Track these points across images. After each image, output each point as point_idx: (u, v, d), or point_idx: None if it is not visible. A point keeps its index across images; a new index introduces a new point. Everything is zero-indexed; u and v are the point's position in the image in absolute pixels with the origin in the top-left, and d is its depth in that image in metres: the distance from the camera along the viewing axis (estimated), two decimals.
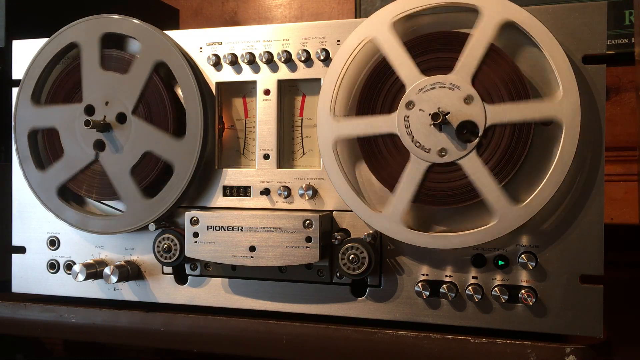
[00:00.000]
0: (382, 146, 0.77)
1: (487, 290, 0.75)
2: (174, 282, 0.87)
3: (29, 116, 0.90)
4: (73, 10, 1.00)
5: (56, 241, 0.92)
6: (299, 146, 0.84)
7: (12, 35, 1.00)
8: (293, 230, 0.77)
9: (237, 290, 0.84)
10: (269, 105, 0.83)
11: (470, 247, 0.75)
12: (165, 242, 0.83)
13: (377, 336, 0.77)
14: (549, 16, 0.72)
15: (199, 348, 0.84)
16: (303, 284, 0.82)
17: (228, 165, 0.86)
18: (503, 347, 0.72)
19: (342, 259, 0.76)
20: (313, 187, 0.80)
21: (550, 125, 0.73)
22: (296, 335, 0.80)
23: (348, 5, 1.51)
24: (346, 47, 0.77)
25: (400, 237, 0.75)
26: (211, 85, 0.85)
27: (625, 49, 1.21)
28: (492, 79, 0.73)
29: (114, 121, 0.86)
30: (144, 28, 0.85)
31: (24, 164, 0.90)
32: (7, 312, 0.93)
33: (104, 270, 0.86)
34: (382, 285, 0.79)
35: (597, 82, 0.72)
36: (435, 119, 0.72)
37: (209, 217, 0.80)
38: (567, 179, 0.71)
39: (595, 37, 0.72)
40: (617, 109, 1.29)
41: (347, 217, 0.80)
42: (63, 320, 0.90)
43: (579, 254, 0.72)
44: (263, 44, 0.83)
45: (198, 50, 0.86)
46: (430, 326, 0.77)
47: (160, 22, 0.89)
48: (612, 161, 1.26)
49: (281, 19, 1.56)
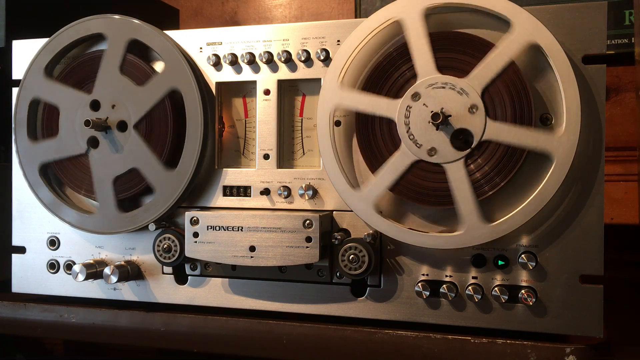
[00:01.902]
0: (377, 128, 0.77)
1: (487, 290, 0.75)
2: (174, 282, 0.87)
3: (37, 85, 0.89)
4: (73, 10, 1.00)
5: (56, 241, 0.92)
6: (299, 146, 0.84)
7: (12, 35, 1.00)
8: (293, 230, 0.77)
9: (237, 290, 0.84)
10: (269, 105, 0.83)
11: (471, 247, 0.75)
12: (165, 242, 0.83)
13: (377, 336, 0.77)
14: (549, 16, 0.72)
15: (199, 348, 0.84)
16: (303, 284, 0.82)
17: (228, 165, 0.86)
18: (503, 347, 0.72)
19: (342, 259, 0.76)
20: (313, 187, 0.80)
21: (550, 124, 0.73)
22: (296, 335, 0.80)
23: (348, 5, 1.51)
24: (371, 22, 0.76)
25: (367, 219, 0.76)
26: (211, 85, 0.85)
27: (625, 49, 1.21)
28: (501, 96, 0.72)
29: (115, 126, 0.85)
30: (172, 51, 0.83)
31: (17, 129, 0.90)
32: (7, 312, 0.93)
33: (104, 270, 0.86)
34: (382, 285, 0.79)
35: (597, 82, 0.72)
36: (435, 119, 0.72)
37: (209, 217, 0.80)
38: (568, 179, 0.71)
39: (595, 37, 0.72)
40: (617, 109, 1.29)
41: (347, 217, 0.80)
42: (63, 320, 0.90)
43: (579, 254, 0.72)
44: (263, 44, 0.83)
45: (198, 50, 0.86)
46: (430, 326, 0.77)
47: (160, 22, 0.89)
48: (612, 161, 1.26)
49: (281, 19, 1.56)
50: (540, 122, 0.73)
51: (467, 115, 0.72)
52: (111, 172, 0.86)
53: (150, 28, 0.85)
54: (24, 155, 0.90)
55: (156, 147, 0.84)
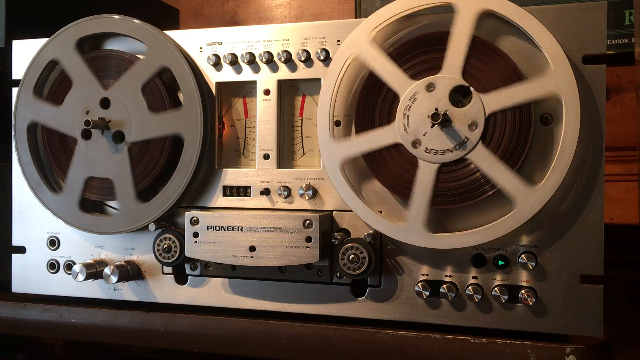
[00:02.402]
0: (380, 98, 0.77)
1: (487, 290, 0.75)
2: (174, 282, 0.87)
3: (63, 52, 0.88)
4: (73, 10, 1.00)
5: (56, 241, 0.92)
6: (299, 146, 0.84)
7: (12, 35, 1.00)
8: (293, 230, 0.77)
9: (237, 290, 0.84)
10: (269, 105, 0.83)
11: (471, 247, 0.75)
12: (165, 242, 0.83)
13: (377, 336, 0.77)
14: (549, 16, 0.72)
15: (199, 348, 0.84)
16: (303, 284, 0.82)
17: (228, 165, 0.86)
18: (503, 347, 0.72)
19: (342, 259, 0.76)
20: (313, 187, 0.80)
21: (550, 125, 0.73)
22: (296, 335, 0.80)
23: (348, 5, 1.51)
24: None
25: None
26: (211, 85, 0.85)
27: (625, 49, 1.21)
28: (482, 70, 0.73)
29: (113, 131, 0.85)
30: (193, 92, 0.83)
31: (25, 83, 0.90)
32: (7, 312, 0.93)
33: (104, 270, 0.86)
34: (382, 285, 0.79)
35: (597, 82, 0.72)
36: (434, 118, 0.72)
37: (209, 217, 0.80)
38: (567, 179, 0.71)
39: (595, 37, 0.72)
40: (617, 109, 1.29)
41: (347, 217, 0.80)
42: (63, 320, 0.90)
43: (579, 254, 0.72)
44: (263, 44, 0.83)
45: (198, 50, 0.86)
46: (430, 326, 0.77)
47: (160, 22, 0.89)
48: (612, 161, 1.26)
49: (281, 19, 1.56)
50: (540, 122, 0.73)
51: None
52: (89, 169, 0.86)
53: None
54: (21, 105, 0.90)
55: (139, 174, 0.85)
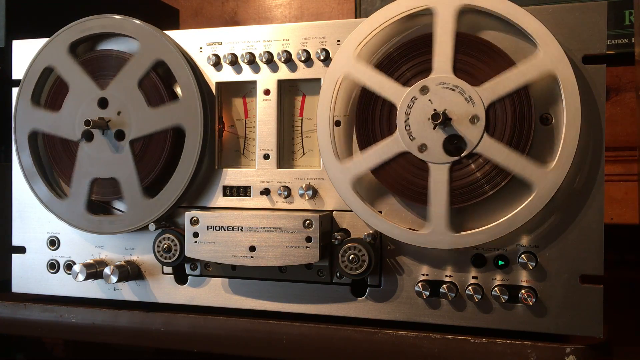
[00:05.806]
0: (377, 111, 0.77)
1: (487, 290, 0.75)
2: (174, 282, 0.87)
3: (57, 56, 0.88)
4: (73, 10, 1.00)
5: (56, 241, 0.92)
6: (299, 146, 0.84)
7: (12, 35, 1.00)
8: (293, 230, 0.77)
9: (237, 290, 0.84)
10: (269, 105, 0.83)
11: (471, 247, 0.75)
12: (165, 242, 0.83)
13: (377, 336, 0.77)
14: (549, 16, 0.72)
15: (199, 348, 0.84)
16: (303, 284, 0.82)
17: (228, 165, 0.86)
18: (503, 347, 0.72)
19: (342, 259, 0.76)
20: (313, 187, 0.80)
21: (550, 125, 0.73)
22: (296, 335, 0.80)
23: (348, 5, 1.51)
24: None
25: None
26: (211, 85, 0.85)
27: (625, 49, 1.21)
28: (472, 64, 0.73)
29: (114, 131, 0.85)
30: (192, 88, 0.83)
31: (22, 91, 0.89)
32: (7, 312, 0.93)
33: (104, 270, 0.86)
34: (382, 285, 0.79)
35: (597, 82, 0.72)
36: (435, 119, 0.72)
37: (209, 217, 0.80)
38: (568, 178, 0.71)
39: (595, 37, 0.72)
40: (617, 109, 1.30)
41: (347, 217, 0.80)
42: (63, 320, 0.90)
43: (579, 254, 0.72)
44: (263, 44, 0.83)
45: (198, 50, 0.86)
46: (430, 326, 0.77)
47: (160, 22, 0.89)
48: (612, 161, 1.26)
49: (281, 19, 1.56)
50: (540, 122, 0.73)
51: (467, 124, 0.72)
52: (93, 171, 0.86)
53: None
54: (20, 114, 0.90)
55: (143, 170, 0.85)
